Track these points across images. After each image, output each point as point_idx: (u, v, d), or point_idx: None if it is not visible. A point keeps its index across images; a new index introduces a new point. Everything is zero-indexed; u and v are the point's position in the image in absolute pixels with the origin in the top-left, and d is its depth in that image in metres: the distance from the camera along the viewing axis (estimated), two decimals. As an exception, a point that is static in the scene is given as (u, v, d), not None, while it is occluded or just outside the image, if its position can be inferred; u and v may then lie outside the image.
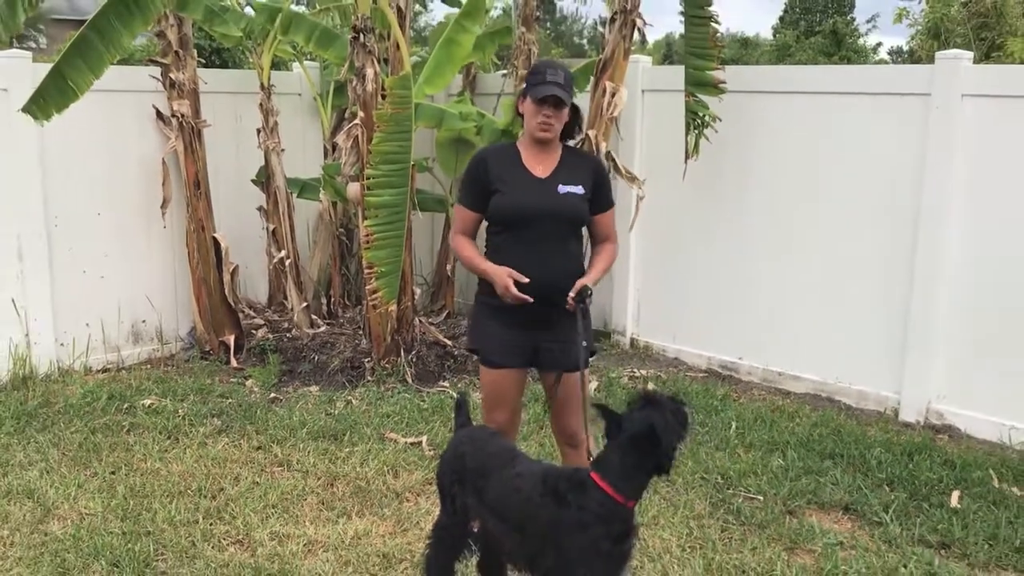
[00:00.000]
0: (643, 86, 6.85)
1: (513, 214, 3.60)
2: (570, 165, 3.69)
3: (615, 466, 3.00)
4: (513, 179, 3.62)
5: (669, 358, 6.92)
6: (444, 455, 3.51)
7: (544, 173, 3.64)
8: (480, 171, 3.65)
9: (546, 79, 3.54)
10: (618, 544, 2.99)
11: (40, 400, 5.80)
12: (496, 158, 3.68)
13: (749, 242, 6.40)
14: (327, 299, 7.47)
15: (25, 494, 4.54)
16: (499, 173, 3.62)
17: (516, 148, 3.71)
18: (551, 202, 3.60)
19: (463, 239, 3.73)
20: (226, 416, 5.62)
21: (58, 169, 6.31)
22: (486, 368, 3.76)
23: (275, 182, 7.04)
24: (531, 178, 3.62)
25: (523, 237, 3.60)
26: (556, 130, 3.62)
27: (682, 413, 3.04)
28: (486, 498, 3.22)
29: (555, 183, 3.62)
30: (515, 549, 3.16)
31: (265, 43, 6.94)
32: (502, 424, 3.77)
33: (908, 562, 3.96)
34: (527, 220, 3.59)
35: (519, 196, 3.59)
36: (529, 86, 3.59)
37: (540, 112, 3.56)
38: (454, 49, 6.49)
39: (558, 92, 3.52)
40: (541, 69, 3.62)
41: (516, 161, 3.66)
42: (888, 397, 5.82)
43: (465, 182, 3.74)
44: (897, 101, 5.67)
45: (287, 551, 4.03)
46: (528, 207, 3.59)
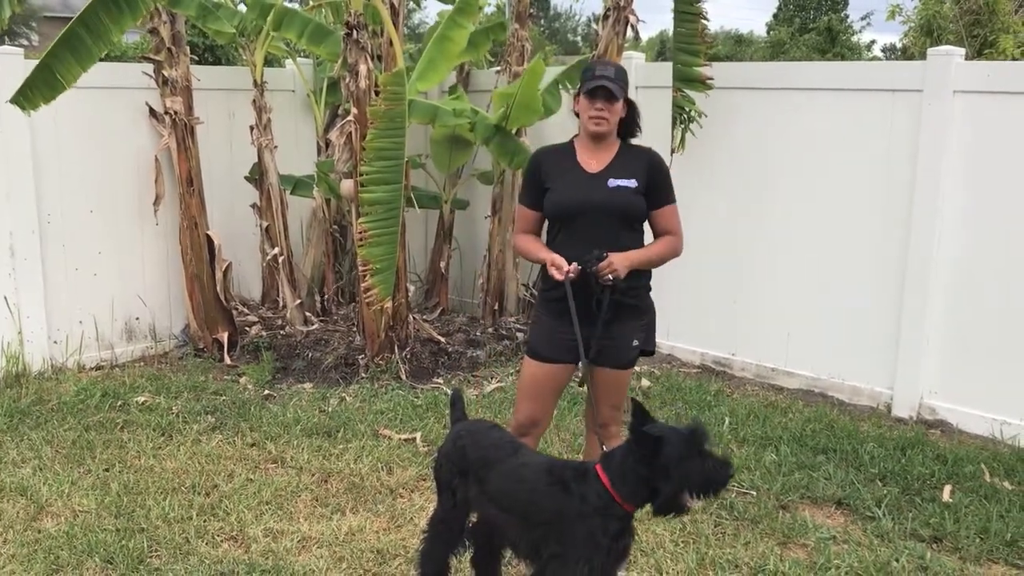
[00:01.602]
0: (636, 83, 6.83)
1: (561, 209, 3.64)
2: (625, 159, 3.69)
3: (616, 464, 3.01)
4: (564, 176, 3.65)
5: (663, 354, 6.93)
6: (442, 449, 3.51)
7: (598, 168, 3.65)
8: (536, 170, 3.71)
9: (595, 74, 3.58)
10: (614, 541, 3.00)
11: (33, 398, 5.79)
12: (550, 157, 3.72)
13: (741, 238, 6.42)
14: (321, 296, 7.47)
15: (18, 491, 4.53)
16: (550, 171, 3.67)
17: (572, 145, 3.73)
18: (599, 196, 3.60)
19: (523, 235, 3.77)
20: (220, 413, 5.62)
21: (50, 166, 6.30)
22: (529, 359, 3.78)
23: (268, 179, 7.03)
24: (583, 174, 3.64)
25: (574, 232, 3.62)
26: (611, 123, 3.62)
27: (720, 468, 2.94)
28: (489, 489, 3.23)
29: (606, 177, 3.63)
30: (519, 538, 3.17)
31: (258, 40, 6.93)
32: (529, 416, 3.77)
33: (900, 556, 3.98)
34: (575, 215, 3.62)
35: (566, 192, 3.62)
36: (582, 83, 3.62)
37: (592, 106, 3.57)
38: (448, 45, 6.49)
39: (608, 84, 3.54)
40: (591, 66, 3.66)
41: (570, 158, 3.69)
42: (881, 392, 5.84)
43: (524, 182, 3.80)
44: (889, 97, 5.68)
45: (281, 547, 4.03)
46: (575, 202, 3.61)
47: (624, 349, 3.69)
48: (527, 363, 3.79)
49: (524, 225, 3.77)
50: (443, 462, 3.45)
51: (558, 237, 3.67)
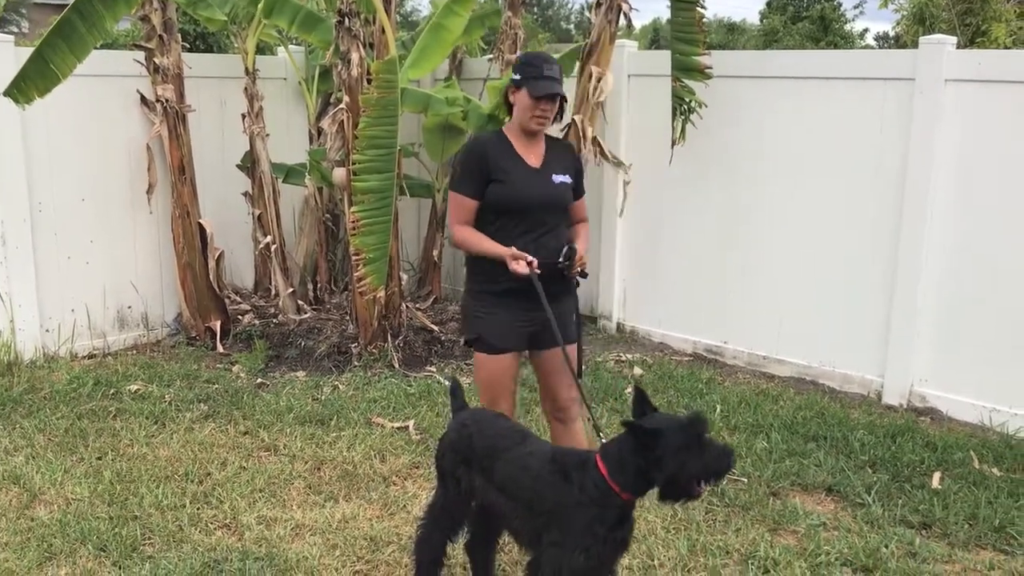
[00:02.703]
0: (629, 71, 6.85)
1: (516, 203, 3.70)
2: (556, 155, 3.83)
3: (613, 454, 3.02)
4: (513, 169, 3.71)
5: (655, 342, 6.95)
6: (446, 437, 3.49)
7: (537, 163, 3.76)
8: (481, 160, 3.71)
9: (543, 74, 3.62)
10: (612, 531, 3.01)
11: (25, 386, 5.78)
12: (493, 147, 3.74)
13: (734, 227, 6.43)
14: (313, 285, 7.46)
15: (11, 480, 4.54)
16: (498, 162, 3.70)
17: (507, 137, 3.78)
18: (548, 192, 3.75)
19: (467, 228, 3.76)
20: (213, 401, 5.62)
21: (41, 154, 6.27)
22: (488, 355, 3.78)
23: (260, 167, 7.02)
24: (528, 168, 3.73)
25: (523, 224, 3.71)
26: (550, 123, 3.73)
27: (722, 457, 2.94)
28: (495, 477, 3.24)
29: (548, 173, 3.76)
30: (522, 526, 3.19)
31: (250, 27, 6.91)
32: (507, 411, 3.80)
33: (890, 542, 4.01)
34: (528, 209, 3.71)
35: (522, 187, 3.70)
36: (525, 79, 3.65)
37: (538, 106, 3.64)
38: (442, 34, 6.47)
39: (558, 89, 3.64)
40: (536, 63, 3.68)
41: (511, 151, 3.74)
42: (872, 380, 5.87)
43: (465, 171, 3.75)
44: (881, 86, 5.69)
45: (274, 535, 4.04)
46: (531, 197, 3.71)
47: (570, 325, 3.82)
48: (489, 360, 3.77)
49: (465, 215, 3.76)
50: (447, 451, 3.44)
51: (498, 227, 3.72)
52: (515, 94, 3.72)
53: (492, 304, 3.75)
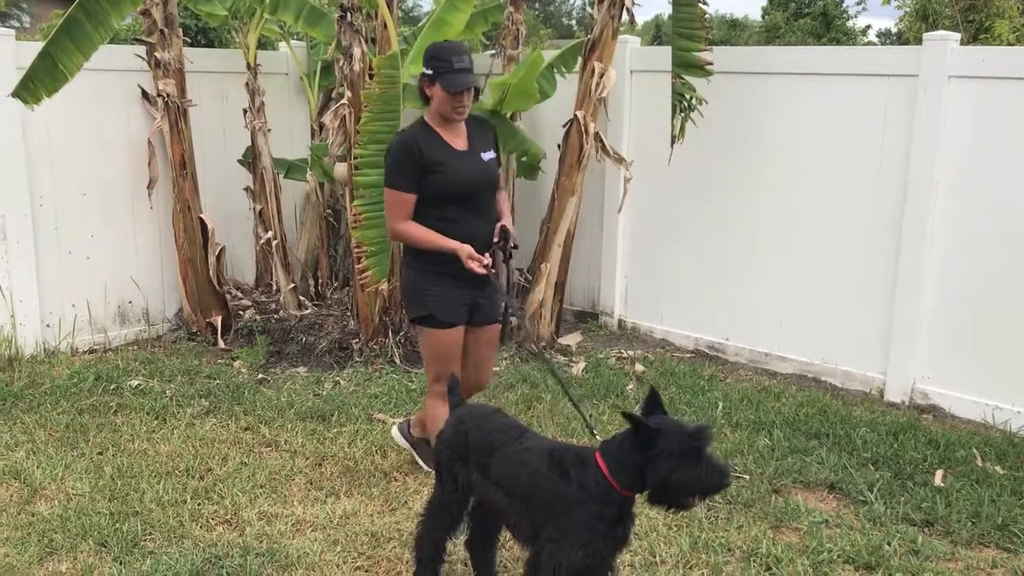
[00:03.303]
0: (631, 67, 6.84)
1: (455, 189, 3.92)
2: (477, 133, 4.06)
3: (614, 451, 3.02)
4: (447, 157, 3.92)
5: (656, 339, 6.94)
6: (443, 434, 3.50)
7: (463, 146, 3.98)
8: (414, 155, 3.87)
9: (454, 67, 3.83)
10: (612, 527, 3.01)
11: (26, 381, 5.77)
12: (423, 141, 3.91)
13: (736, 224, 6.42)
14: (315, 280, 7.45)
15: (12, 475, 4.53)
16: (432, 155, 3.89)
17: (431, 127, 3.97)
18: (484, 170, 4.01)
19: (412, 224, 3.94)
20: (214, 397, 5.61)
21: (42, 148, 6.26)
22: (439, 329, 4.02)
23: (262, 162, 7.00)
24: (458, 152, 3.95)
25: (462, 208, 3.94)
26: (468, 110, 3.96)
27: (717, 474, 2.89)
28: (491, 473, 3.24)
29: (477, 152, 4.00)
30: (520, 522, 3.18)
31: (251, 22, 6.89)
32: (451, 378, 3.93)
33: (892, 539, 4.00)
34: (467, 192, 3.95)
35: (458, 173, 3.92)
36: (438, 74, 3.84)
37: (454, 99, 3.86)
38: (444, 29, 6.45)
39: (471, 82, 3.86)
40: (446, 57, 3.86)
41: (439, 140, 3.94)
42: (874, 378, 5.86)
43: (399, 168, 3.90)
44: (884, 82, 5.67)
45: (275, 530, 4.03)
46: (468, 180, 3.94)
47: (496, 305, 4.14)
48: (440, 334, 4.03)
49: (405, 211, 3.93)
50: (443, 448, 3.45)
51: (447, 213, 3.91)
52: (430, 88, 3.90)
53: (439, 282, 3.98)
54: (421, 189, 3.89)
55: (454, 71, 3.82)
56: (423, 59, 3.96)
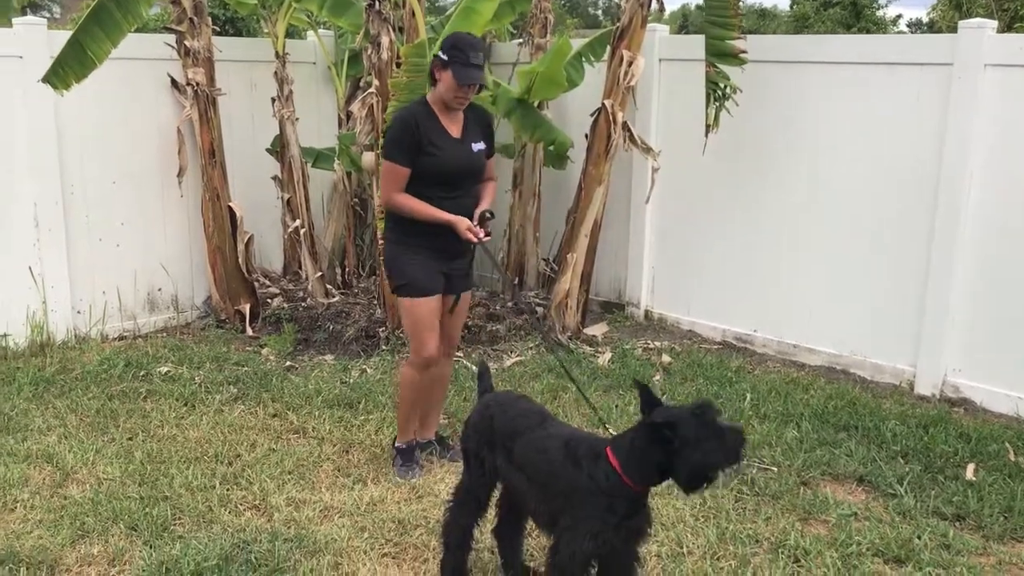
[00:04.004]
0: (660, 55, 6.79)
1: (442, 173, 4.17)
2: (472, 123, 4.28)
3: (626, 449, 3.02)
4: (441, 142, 4.15)
5: (683, 330, 6.90)
6: (470, 420, 3.54)
7: (457, 133, 4.22)
8: (414, 132, 4.11)
9: (469, 61, 4.04)
10: (624, 519, 3.01)
11: (58, 367, 5.84)
12: (423, 120, 4.14)
13: (765, 214, 6.36)
14: (341, 269, 7.48)
15: (44, 458, 4.59)
16: (428, 135, 4.13)
17: (431, 109, 4.19)
18: (471, 160, 4.26)
19: (405, 195, 4.18)
20: (242, 384, 5.65)
21: (74, 137, 6.32)
22: (419, 298, 4.26)
23: (290, 151, 7.03)
24: (452, 140, 4.19)
25: (445, 189, 4.18)
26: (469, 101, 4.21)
27: (737, 437, 2.93)
28: (515, 457, 3.27)
29: (468, 142, 4.24)
30: (539, 507, 3.21)
31: (280, 11, 6.90)
32: (436, 344, 4.32)
33: (922, 533, 3.96)
34: (451, 177, 4.20)
35: (450, 159, 4.17)
36: (452, 63, 4.04)
37: (460, 90, 4.09)
38: (473, 18, 6.41)
39: (481, 80, 4.10)
40: (464, 48, 4.06)
41: (437, 123, 4.17)
42: (904, 370, 5.80)
43: (398, 143, 4.13)
44: (917, 71, 5.59)
45: (303, 516, 4.06)
46: (454, 168, 4.19)
47: (470, 275, 4.49)
48: (418, 302, 4.26)
49: (400, 183, 4.17)
50: (471, 433, 3.48)
51: (430, 193, 4.16)
52: (440, 73, 4.10)
53: (416, 254, 4.24)
54: (415, 165, 4.14)
55: (468, 64, 4.03)
56: (442, 43, 4.16)
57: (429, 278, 4.26)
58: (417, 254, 4.25)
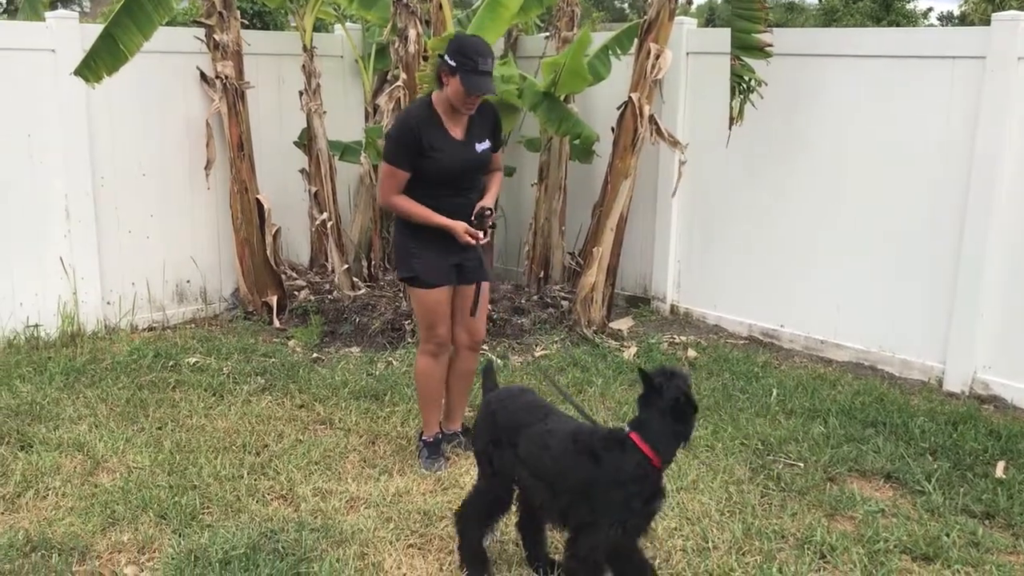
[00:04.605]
0: (687, 48, 6.75)
1: (449, 175, 4.20)
2: (477, 122, 4.26)
3: (656, 431, 3.06)
4: (442, 145, 4.15)
5: (709, 325, 6.88)
6: (477, 421, 3.59)
7: (460, 135, 4.21)
8: (414, 139, 4.12)
9: (478, 68, 3.99)
10: (647, 504, 3.09)
11: (88, 357, 5.91)
12: (424, 126, 4.13)
13: (792, 209, 6.32)
14: (368, 262, 7.51)
15: (75, 447, 4.65)
16: (429, 140, 4.12)
17: (435, 110, 4.18)
18: (474, 160, 4.27)
19: (403, 198, 4.22)
20: (269, 375, 5.69)
21: (104, 129, 6.39)
22: (423, 289, 4.30)
23: (317, 144, 7.06)
24: (455, 142, 4.19)
25: (447, 188, 4.22)
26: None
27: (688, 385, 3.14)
28: (520, 452, 3.30)
29: (472, 143, 4.24)
30: (547, 503, 3.25)
31: (308, 5, 6.93)
32: (447, 332, 4.39)
33: (951, 531, 3.93)
34: (454, 178, 4.23)
35: (452, 161, 4.18)
36: (461, 70, 3.98)
37: (469, 98, 4.07)
38: (499, 11, 6.41)
39: (491, 89, 4.10)
40: (473, 56, 4.00)
41: (439, 126, 4.17)
42: (932, 367, 5.74)
43: (398, 148, 4.15)
44: (949, 65, 5.53)
45: (330, 507, 4.09)
46: (457, 169, 4.21)
47: (484, 267, 4.43)
48: (424, 293, 4.31)
49: (399, 186, 4.20)
50: (478, 434, 3.54)
51: (435, 192, 4.20)
52: (448, 78, 4.05)
53: (425, 246, 4.26)
54: (415, 168, 4.16)
55: (478, 72, 3.98)
56: (449, 46, 4.08)
57: (435, 270, 4.29)
58: (427, 248, 4.27)
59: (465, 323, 4.48)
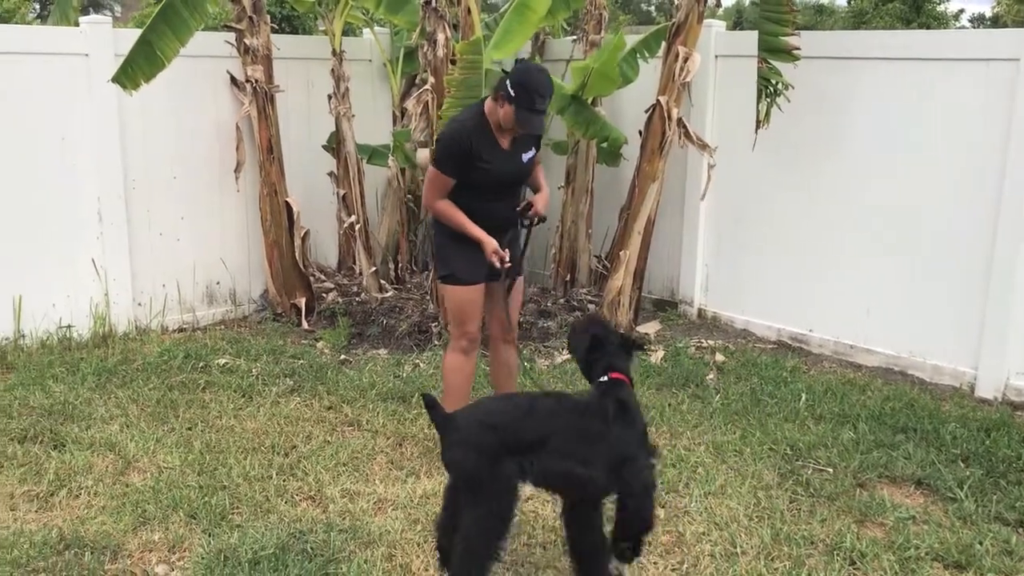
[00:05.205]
0: (716, 51, 6.73)
1: (496, 184, 4.31)
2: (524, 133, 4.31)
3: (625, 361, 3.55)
4: (491, 156, 4.24)
5: (737, 329, 6.84)
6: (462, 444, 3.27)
7: (507, 145, 4.31)
8: (464, 148, 4.20)
9: (534, 107, 4.08)
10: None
11: (119, 357, 5.98)
12: (475, 136, 4.22)
13: (821, 212, 6.28)
14: (395, 264, 7.55)
15: (107, 447, 4.70)
16: (479, 152, 4.22)
17: (485, 121, 4.26)
18: (520, 170, 4.38)
19: (447, 202, 4.32)
20: (298, 376, 5.73)
21: (136, 133, 6.46)
22: (458, 286, 4.41)
23: (345, 148, 7.10)
24: (502, 152, 4.29)
25: (491, 194, 4.33)
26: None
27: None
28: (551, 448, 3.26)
29: (518, 153, 4.34)
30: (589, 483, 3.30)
31: (337, 9, 6.98)
32: (476, 329, 4.48)
33: (984, 539, 3.88)
34: (503, 186, 4.35)
35: (499, 171, 4.28)
36: (517, 103, 4.07)
37: (518, 125, 4.16)
38: (527, 14, 6.41)
39: (541, 130, 4.28)
40: (530, 94, 4.06)
41: (489, 137, 4.26)
42: (964, 372, 5.68)
43: (448, 155, 4.25)
44: (982, 67, 5.47)
45: (358, 508, 4.11)
46: (503, 178, 4.32)
47: (519, 263, 4.54)
48: (458, 290, 4.41)
49: (444, 192, 4.31)
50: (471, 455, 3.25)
51: (475, 196, 4.29)
52: (503, 103, 4.13)
53: (464, 245, 4.33)
54: (461, 176, 4.26)
55: (533, 110, 4.09)
56: (514, 75, 4.09)
57: (472, 269, 4.37)
58: (466, 246, 4.34)
59: (498, 317, 4.57)
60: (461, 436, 3.27)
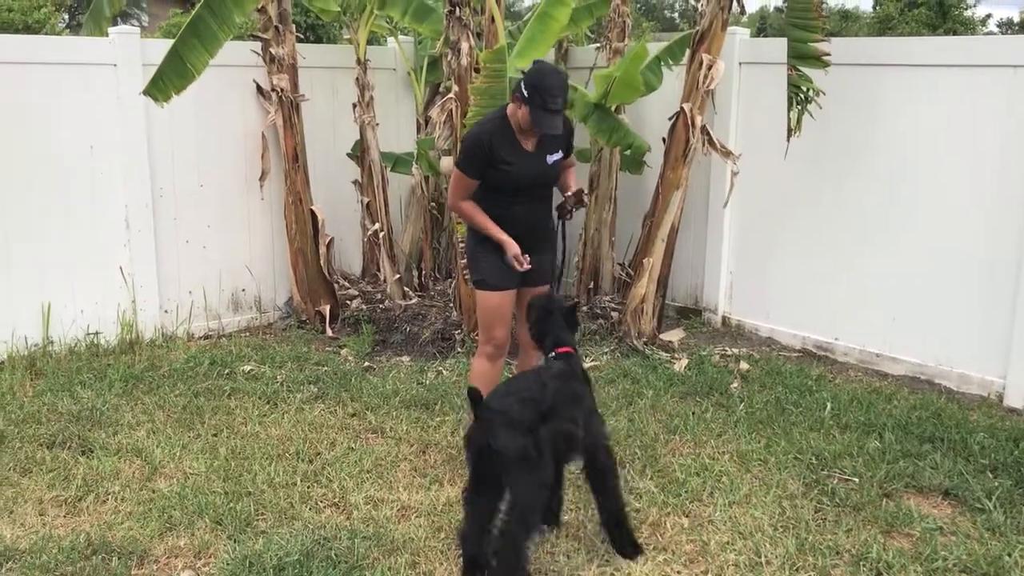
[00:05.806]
0: (740, 58, 6.71)
1: (519, 185, 4.33)
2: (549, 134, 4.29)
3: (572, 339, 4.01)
4: (515, 157, 4.27)
5: (762, 337, 6.80)
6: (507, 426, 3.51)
7: (532, 147, 4.32)
8: (486, 151, 4.25)
9: (548, 107, 4.08)
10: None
11: (146, 364, 6.04)
12: (497, 139, 4.26)
13: (847, 219, 6.24)
14: (418, 272, 7.57)
15: (134, 453, 4.75)
16: (502, 153, 4.25)
17: (507, 123, 4.29)
18: (546, 172, 4.39)
19: (470, 203, 4.38)
20: (322, 383, 5.76)
21: (164, 142, 6.53)
22: (489, 292, 4.44)
23: (370, 156, 7.14)
24: (526, 154, 4.30)
25: (517, 196, 4.36)
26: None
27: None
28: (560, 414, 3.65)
29: (543, 155, 4.35)
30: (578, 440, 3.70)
31: (361, 18, 7.03)
32: (504, 336, 4.53)
33: (1013, 551, 3.83)
34: (527, 187, 4.36)
35: (524, 172, 4.30)
36: (532, 104, 4.09)
37: (535, 128, 4.18)
38: (549, 23, 6.44)
39: (557, 130, 4.18)
40: (544, 93, 4.07)
41: (512, 139, 4.29)
42: (993, 382, 5.61)
43: (471, 157, 4.30)
44: (1010, 73, 5.42)
45: (381, 515, 4.12)
46: (530, 179, 4.34)
47: (549, 270, 4.59)
48: (489, 296, 4.46)
49: (468, 193, 4.38)
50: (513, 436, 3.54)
51: (501, 198, 4.34)
52: (520, 105, 4.16)
53: (493, 250, 4.37)
54: (484, 177, 4.30)
55: (547, 110, 4.09)
56: (527, 76, 4.16)
57: (502, 275, 4.40)
58: (494, 252, 4.38)
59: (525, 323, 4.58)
60: (506, 418, 3.52)
